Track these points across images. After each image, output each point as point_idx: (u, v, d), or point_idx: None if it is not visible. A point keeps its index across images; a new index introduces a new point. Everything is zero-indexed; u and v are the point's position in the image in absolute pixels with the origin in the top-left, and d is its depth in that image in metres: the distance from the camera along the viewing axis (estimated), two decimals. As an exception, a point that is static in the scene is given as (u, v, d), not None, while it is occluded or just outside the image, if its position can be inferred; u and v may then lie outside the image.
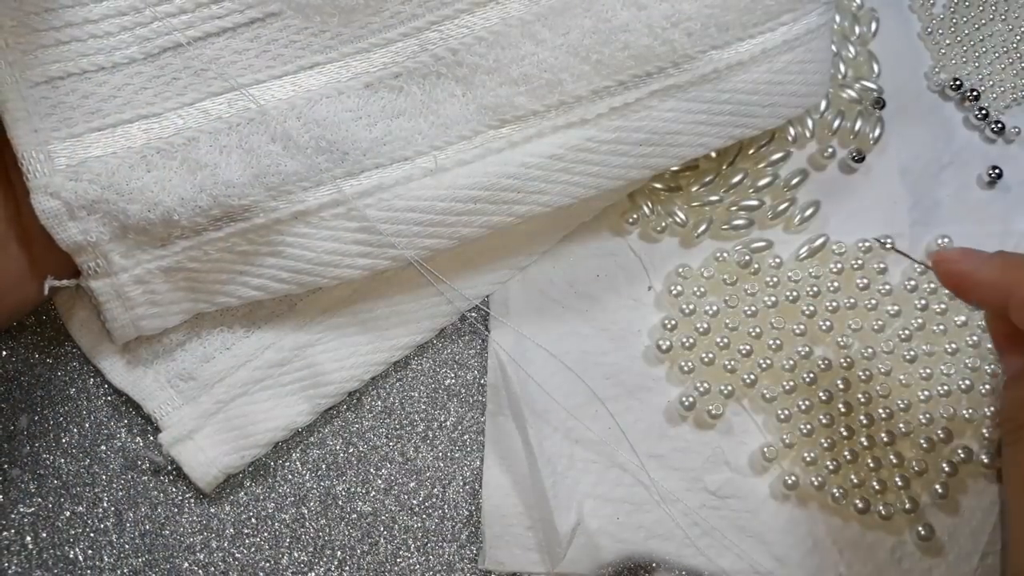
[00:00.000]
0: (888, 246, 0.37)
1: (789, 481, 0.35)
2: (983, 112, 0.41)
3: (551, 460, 0.35)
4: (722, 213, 0.38)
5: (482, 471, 0.36)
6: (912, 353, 0.36)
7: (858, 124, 0.39)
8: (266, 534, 0.35)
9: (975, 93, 0.41)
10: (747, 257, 0.37)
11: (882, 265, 0.37)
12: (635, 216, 0.38)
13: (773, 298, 0.37)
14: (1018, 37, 0.42)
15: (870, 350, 0.36)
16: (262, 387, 0.35)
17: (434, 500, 0.36)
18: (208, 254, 0.33)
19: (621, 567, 0.34)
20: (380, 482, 0.36)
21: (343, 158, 0.33)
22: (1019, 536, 0.30)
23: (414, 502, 0.36)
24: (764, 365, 0.36)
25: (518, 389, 0.36)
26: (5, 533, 0.35)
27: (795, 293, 0.37)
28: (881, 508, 0.34)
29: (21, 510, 0.35)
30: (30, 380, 0.36)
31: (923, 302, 0.37)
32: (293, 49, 0.34)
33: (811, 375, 0.36)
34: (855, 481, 0.35)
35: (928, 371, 0.36)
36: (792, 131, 0.39)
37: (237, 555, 0.35)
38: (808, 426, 0.35)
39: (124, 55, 0.33)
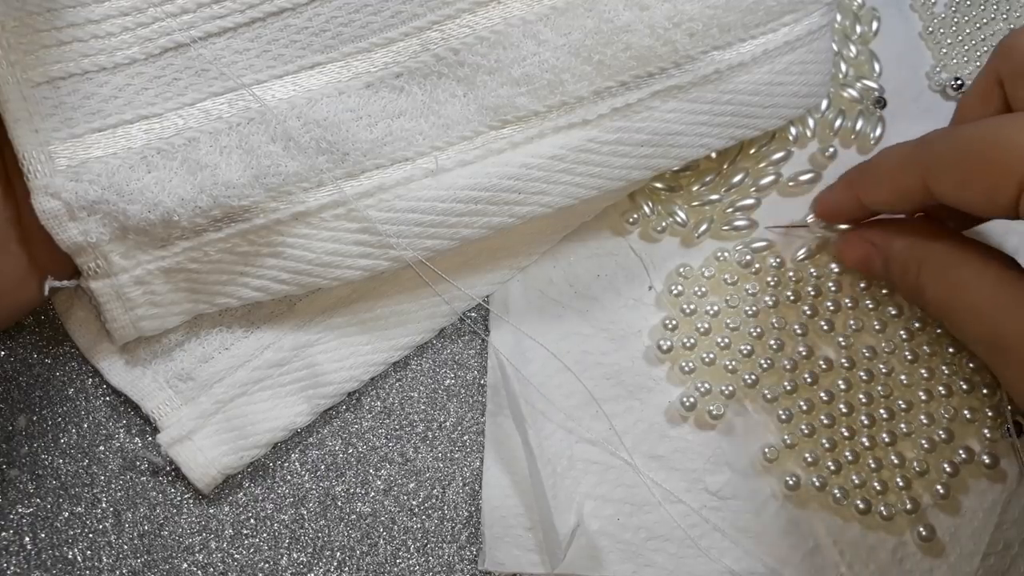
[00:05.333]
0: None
1: (790, 482, 0.35)
2: (984, 112, 0.40)
3: (551, 460, 0.35)
4: (722, 213, 0.38)
5: (482, 471, 0.36)
6: (913, 353, 0.36)
7: (859, 123, 0.39)
8: (265, 535, 0.35)
9: (976, 93, 0.41)
10: (748, 257, 0.37)
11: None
12: (635, 216, 0.38)
13: (774, 298, 0.37)
14: (1019, 37, 0.42)
15: (871, 350, 0.36)
16: (261, 387, 0.35)
17: (434, 501, 0.36)
18: (208, 255, 0.33)
19: None
20: (380, 483, 0.36)
21: (343, 158, 0.33)
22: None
23: (414, 503, 0.36)
24: (765, 365, 0.36)
25: (518, 389, 0.35)
26: (4, 534, 0.35)
27: (796, 293, 0.37)
28: (882, 509, 0.34)
29: (20, 511, 0.35)
30: (28, 380, 0.36)
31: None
32: (294, 49, 0.34)
33: (812, 375, 0.36)
34: (856, 482, 0.35)
35: (929, 371, 0.36)
36: (793, 131, 0.39)
37: (236, 556, 0.35)
38: (809, 426, 0.35)
39: (125, 55, 0.33)
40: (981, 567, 0.34)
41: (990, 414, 0.35)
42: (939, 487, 0.34)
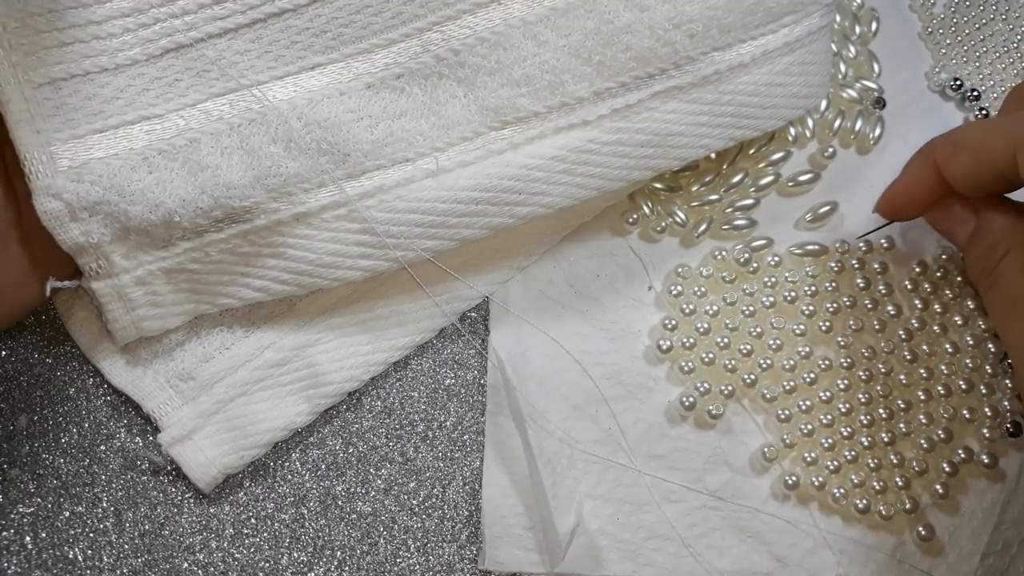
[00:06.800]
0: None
1: (790, 481, 0.35)
2: (984, 112, 0.41)
3: (551, 460, 0.35)
4: (722, 213, 0.38)
5: (482, 471, 0.36)
6: (912, 353, 0.36)
7: (858, 124, 0.40)
8: (266, 534, 0.35)
9: (976, 93, 0.41)
10: (746, 255, 0.37)
11: (882, 265, 0.37)
12: (635, 216, 0.38)
13: (772, 298, 0.37)
14: (1019, 37, 0.42)
15: (870, 350, 0.36)
16: (262, 387, 0.35)
17: (434, 500, 0.36)
18: (209, 255, 0.33)
19: None
20: (380, 482, 0.36)
21: (344, 159, 0.33)
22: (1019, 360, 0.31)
23: (414, 502, 0.36)
24: (764, 365, 0.36)
25: (518, 389, 0.36)
26: (4, 533, 0.35)
27: (794, 293, 0.37)
28: (882, 508, 0.34)
29: (20, 510, 0.35)
30: (29, 380, 0.36)
31: (923, 302, 0.37)
32: (295, 50, 0.34)
33: (811, 375, 0.36)
34: (855, 481, 0.35)
35: (928, 371, 0.36)
36: (792, 131, 0.39)
37: (237, 555, 0.35)
38: (808, 426, 0.35)
39: (127, 56, 0.33)
40: (980, 567, 0.34)
41: (989, 414, 0.35)
42: (938, 487, 0.34)
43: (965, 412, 0.35)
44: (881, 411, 0.35)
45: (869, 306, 0.37)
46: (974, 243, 0.34)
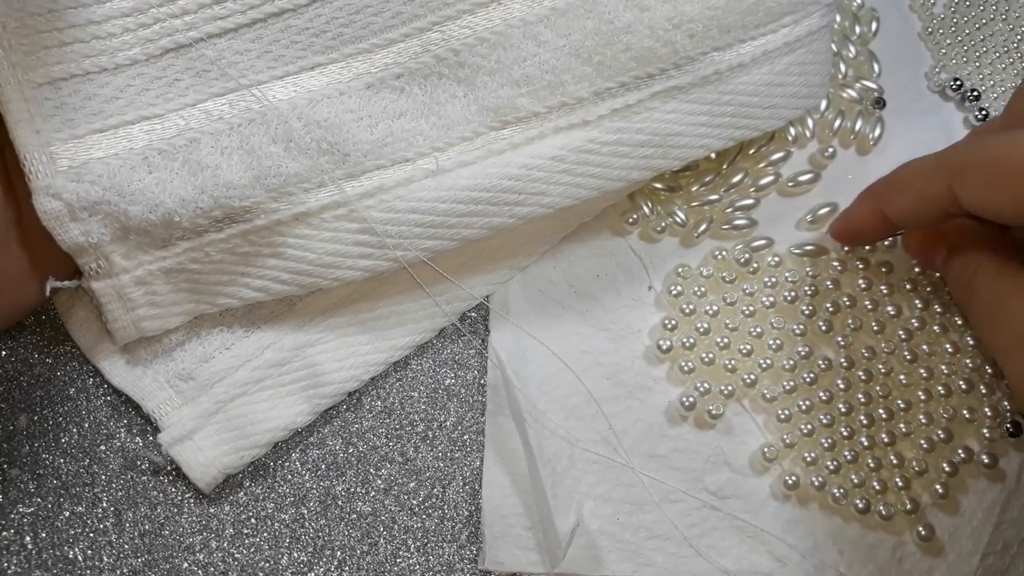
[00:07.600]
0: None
1: (789, 481, 0.35)
2: (984, 112, 0.41)
3: (551, 460, 0.35)
4: (722, 213, 0.38)
5: (482, 471, 0.36)
6: (912, 353, 0.36)
7: (858, 124, 0.40)
8: (266, 534, 0.35)
9: (976, 93, 0.41)
10: (746, 255, 0.37)
11: (882, 265, 0.37)
12: (635, 216, 0.38)
13: (772, 298, 0.37)
14: (1019, 37, 0.42)
15: (870, 350, 0.36)
16: (262, 387, 0.35)
17: (434, 500, 0.36)
18: (209, 255, 0.33)
19: None
20: (380, 482, 0.36)
21: (344, 159, 0.33)
22: (1011, 370, 0.32)
23: (414, 502, 0.36)
24: (764, 365, 0.36)
25: (518, 389, 0.36)
26: (4, 533, 0.35)
27: (794, 293, 0.37)
28: (881, 508, 0.34)
29: (20, 510, 0.35)
30: (30, 380, 0.36)
31: (923, 302, 0.37)
32: (295, 50, 0.34)
33: (811, 375, 0.36)
34: (855, 481, 0.35)
35: (928, 371, 0.36)
36: (792, 131, 0.39)
37: (237, 555, 0.35)
38: (808, 426, 0.35)
39: (127, 56, 0.33)
40: (980, 567, 0.34)
41: (989, 414, 0.35)
42: (938, 487, 0.34)
43: (965, 412, 0.35)
44: (881, 411, 0.35)
45: (869, 306, 0.37)
46: (949, 264, 0.35)
